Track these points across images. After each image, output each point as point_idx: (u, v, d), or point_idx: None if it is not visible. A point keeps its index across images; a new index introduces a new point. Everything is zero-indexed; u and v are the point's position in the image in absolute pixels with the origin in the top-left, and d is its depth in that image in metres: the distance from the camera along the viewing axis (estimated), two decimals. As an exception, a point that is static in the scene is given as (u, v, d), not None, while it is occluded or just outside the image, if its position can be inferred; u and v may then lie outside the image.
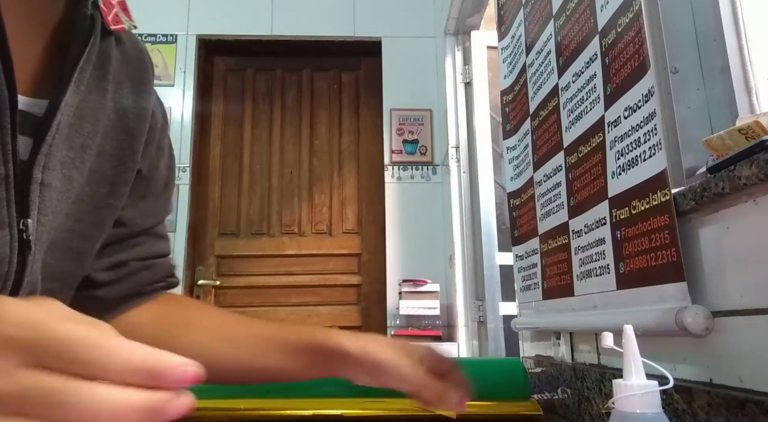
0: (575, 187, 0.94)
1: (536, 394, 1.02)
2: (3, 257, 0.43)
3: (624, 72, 0.78)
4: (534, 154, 1.16)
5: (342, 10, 2.85)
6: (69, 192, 0.50)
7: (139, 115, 0.59)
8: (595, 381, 0.85)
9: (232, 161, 2.80)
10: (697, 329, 0.60)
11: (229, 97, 2.88)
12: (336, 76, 2.93)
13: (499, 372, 0.85)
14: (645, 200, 0.71)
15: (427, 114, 2.70)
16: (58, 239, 0.50)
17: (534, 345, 1.26)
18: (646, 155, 0.71)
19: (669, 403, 0.64)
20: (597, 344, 0.92)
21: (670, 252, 0.65)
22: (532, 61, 1.19)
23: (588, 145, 0.89)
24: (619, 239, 0.78)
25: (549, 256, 1.07)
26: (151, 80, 0.62)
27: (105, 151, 0.54)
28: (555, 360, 1.08)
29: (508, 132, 1.35)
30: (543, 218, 1.10)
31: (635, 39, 0.75)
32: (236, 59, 2.91)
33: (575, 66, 0.95)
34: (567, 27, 0.99)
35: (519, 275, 1.26)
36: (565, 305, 0.97)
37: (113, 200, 0.56)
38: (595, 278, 0.85)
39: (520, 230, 1.26)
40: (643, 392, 0.42)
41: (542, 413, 0.81)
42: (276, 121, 2.85)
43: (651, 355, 0.45)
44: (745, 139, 0.58)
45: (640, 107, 0.73)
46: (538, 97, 1.14)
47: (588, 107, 0.90)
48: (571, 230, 0.96)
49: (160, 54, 2.73)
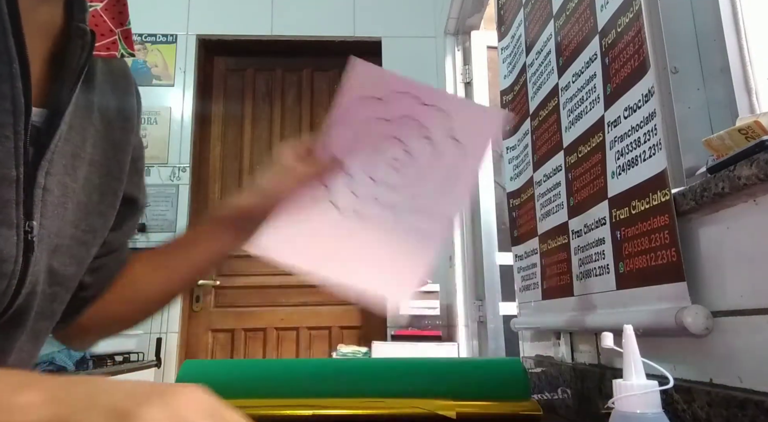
0: (575, 187, 0.94)
1: (536, 394, 1.02)
2: (9, 257, 0.46)
3: (624, 72, 0.78)
4: (534, 154, 1.16)
5: (342, 10, 2.85)
6: (64, 197, 0.52)
7: (123, 126, 0.62)
8: (595, 381, 0.85)
9: (232, 161, 2.80)
10: (697, 329, 0.60)
11: (229, 98, 2.88)
12: (336, 76, 2.93)
13: (499, 372, 0.85)
14: (645, 200, 0.71)
15: (427, 114, 2.70)
16: (62, 246, 0.52)
17: (534, 345, 1.26)
18: (646, 155, 0.71)
19: (669, 403, 0.64)
20: (597, 344, 0.92)
21: (670, 252, 0.65)
22: (532, 61, 1.19)
23: (588, 145, 0.89)
24: (618, 239, 0.78)
25: (548, 256, 1.07)
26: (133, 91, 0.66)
27: (93, 160, 0.57)
28: (555, 360, 1.08)
29: (508, 132, 1.35)
30: (543, 218, 1.10)
31: (635, 39, 0.75)
32: (236, 59, 2.92)
33: (575, 66, 0.95)
34: (567, 27, 0.99)
35: (518, 275, 1.26)
36: (565, 305, 0.97)
37: (104, 208, 0.59)
38: (594, 278, 0.85)
39: (520, 230, 1.26)
40: (643, 392, 0.42)
41: (542, 413, 0.81)
42: (276, 121, 2.85)
43: (651, 355, 0.45)
44: (745, 139, 0.58)
45: (640, 107, 0.73)
46: (538, 97, 1.14)
47: (588, 107, 0.90)
48: (570, 230, 0.96)
49: (160, 54, 2.73)
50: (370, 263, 0.69)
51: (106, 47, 0.56)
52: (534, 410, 0.80)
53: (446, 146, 0.68)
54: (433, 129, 0.69)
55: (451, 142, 0.68)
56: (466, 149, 0.68)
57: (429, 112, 0.69)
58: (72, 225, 0.53)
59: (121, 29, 0.57)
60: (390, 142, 0.70)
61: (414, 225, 0.68)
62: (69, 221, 0.53)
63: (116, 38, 0.57)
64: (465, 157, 0.68)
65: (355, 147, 0.71)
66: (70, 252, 0.54)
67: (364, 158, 0.72)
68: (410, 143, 0.70)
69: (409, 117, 0.69)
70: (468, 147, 0.68)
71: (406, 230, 0.68)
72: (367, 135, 0.71)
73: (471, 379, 0.83)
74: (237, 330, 2.61)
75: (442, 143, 0.69)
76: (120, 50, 0.57)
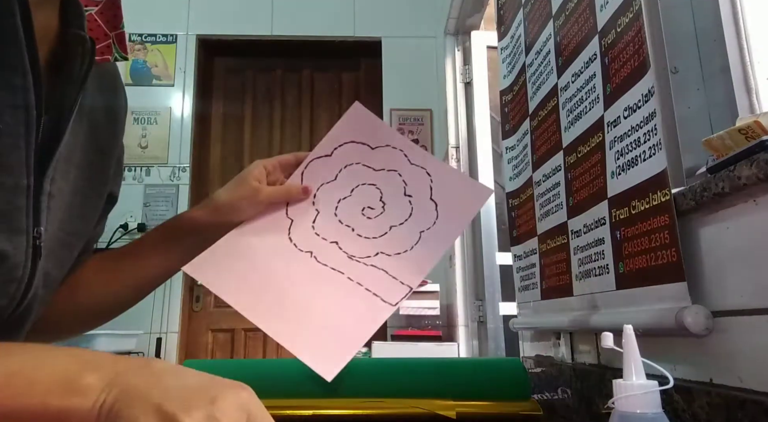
0: (574, 187, 0.94)
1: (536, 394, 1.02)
2: (19, 263, 0.46)
3: (624, 72, 0.78)
4: (533, 154, 1.16)
5: (342, 10, 2.85)
6: (59, 201, 0.53)
7: (109, 130, 0.62)
8: (595, 381, 0.85)
9: (232, 161, 2.80)
10: (697, 329, 0.60)
11: (229, 98, 2.88)
12: (336, 76, 2.93)
13: (499, 372, 0.85)
14: (645, 200, 0.71)
15: (427, 114, 2.70)
16: (52, 248, 0.53)
17: (534, 345, 1.26)
18: (646, 155, 0.71)
19: (669, 403, 0.64)
20: (597, 344, 0.92)
21: (670, 252, 0.65)
22: (531, 61, 1.19)
23: (587, 145, 0.89)
24: (618, 239, 0.78)
25: (548, 256, 1.06)
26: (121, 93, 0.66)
27: (80, 164, 0.57)
28: (555, 360, 1.08)
29: (508, 132, 1.35)
30: (542, 218, 1.10)
31: (635, 39, 0.75)
32: (236, 59, 2.92)
33: (575, 66, 0.95)
34: (566, 27, 0.99)
35: (518, 275, 1.26)
36: (565, 305, 0.97)
37: (87, 211, 0.59)
38: (594, 278, 0.85)
39: (519, 230, 1.26)
40: (643, 392, 0.42)
41: (542, 413, 0.81)
42: (276, 121, 2.85)
43: (651, 355, 0.45)
44: (745, 139, 0.58)
45: (640, 107, 0.73)
46: (537, 97, 1.14)
47: (587, 107, 0.90)
48: (570, 230, 0.96)
49: (160, 54, 2.73)
50: (309, 317, 0.61)
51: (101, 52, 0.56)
52: (534, 410, 0.80)
53: (424, 209, 0.66)
54: (415, 189, 0.67)
55: (430, 206, 0.66)
56: (442, 219, 0.65)
57: (414, 171, 0.67)
58: (59, 228, 0.54)
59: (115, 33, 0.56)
60: (369, 189, 0.68)
61: (367, 286, 0.63)
62: (58, 224, 0.54)
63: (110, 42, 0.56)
64: (440, 226, 0.65)
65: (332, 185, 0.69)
66: (55, 254, 0.54)
67: (337, 196, 0.68)
68: (388, 195, 0.67)
69: (395, 172, 0.68)
70: (445, 217, 0.65)
71: (355, 293, 0.63)
72: (347, 176, 0.69)
73: (471, 379, 0.83)
74: (237, 330, 2.61)
75: (420, 206, 0.66)
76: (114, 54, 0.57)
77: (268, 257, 0.66)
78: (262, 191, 0.66)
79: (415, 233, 0.65)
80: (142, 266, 0.68)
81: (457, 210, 0.66)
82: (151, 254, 0.68)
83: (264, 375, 0.84)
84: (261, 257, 0.65)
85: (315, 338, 0.60)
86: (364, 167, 0.69)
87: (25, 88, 0.45)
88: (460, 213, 0.67)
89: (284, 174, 0.71)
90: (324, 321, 0.61)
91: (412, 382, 0.82)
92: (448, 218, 0.66)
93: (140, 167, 2.61)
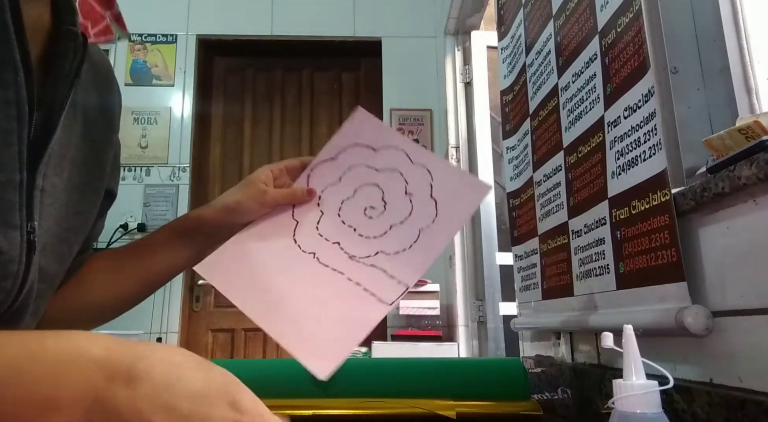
0: (575, 187, 0.94)
1: (536, 394, 1.02)
2: (14, 258, 0.47)
3: (624, 72, 0.78)
4: (534, 154, 1.16)
5: (342, 10, 2.85)
6: (53, 197, 0.53)
7: (105, 126, 0.63)
8: (595, 381, 0.85)
9: (232, 162, 2.80)
10: (697, 329, 0.60)
11: (229, 98, 2.88)
12: (336, 76, 2.93)
13: (499, 372, 0.85)
14: (645, 200, 0.71)
15: (427, 114, 2.70)
16: (48, 243, 0.53)
17: (534, 345, 1.26)
18: (646, 155, 0.71)
19: (669, 403, 0.64)
20: (597, 344, 0.92)
21: (670, 252, 0.65)
22: (531, 61, 1.19)
23: (588, 145, 0.89)
24: (619, 239, 0.78)
25: (548, 256, 1.07)
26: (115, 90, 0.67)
27: (76, 160, 0.57)
28: (555, 360, 1.08)
29: (508, 132, 1.35)
30: (542, 218, 1.10)
31: (635, 39, 0.75)
32: (236, 59, 2.92)
33: (575, 66, 0.95)
34: (567, 27, 0.99)
35: (518, 275, 1.26)
36: (565, 305, 0.97)
37: (84, 207, 0.59)
38: (594, 278, 0.85)
39: (520, 230, 1.26)
40: (643, 392, 0.42)
41: (542, 413, 0.81)
42: (276, 121, 2.85)
43: (651, 355, 0.45)
44: (745, 139, 0.58)
45: (640, 107, 0.73)
46: (537, 97, 1.14)
47: (588, 107, 0.90)
48: (570, 230, 0.96)
49: (160, 54, 2.73)
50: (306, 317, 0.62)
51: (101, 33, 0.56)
52: (534, 410, 0.80)
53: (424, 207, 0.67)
54: (416, 188, 0.68)
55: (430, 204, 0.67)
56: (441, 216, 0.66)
57: (415, 170, 0.68)
58: (56, 224, 0.54)
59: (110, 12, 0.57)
60: (371, 189, 0.69)
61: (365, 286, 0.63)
62: (54, 220, 0.54)
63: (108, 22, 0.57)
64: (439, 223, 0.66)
65: (336, 186, 0.70)
66: (54, 250, 0.54)
67: (341, 197, 0.70)
68: (390, 194, 0.69)
69: (396, 171, 0.69)
70: (444, 214, 0.66)
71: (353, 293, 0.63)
72: (351, 178, 0.71)
73: (471, 379, 0.83)
74: (237, 330, 2.61)
75: (420, 204, 0.67)
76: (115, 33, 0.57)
77: (273, 258, 0.67)
78: (268, 192, 0.68)
79: (415, 231, 0.66)
80: (149, 265, 0.69)
81: (456, 207, 0.67)
82: (157, 253, 0.69)
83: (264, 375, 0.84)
84: (266, 259, 0.67)
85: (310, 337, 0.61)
86: (367, 168, 0.70)
87: (17, 83, 0.46)
88: (459, 210, 0.68)
89: (290, 178, 0.73)
90: (320, 321, 0.62)
91: (412, 382, 0.82)
92: (447, 216, 0.66)
93: (140, 167, 2.61)
